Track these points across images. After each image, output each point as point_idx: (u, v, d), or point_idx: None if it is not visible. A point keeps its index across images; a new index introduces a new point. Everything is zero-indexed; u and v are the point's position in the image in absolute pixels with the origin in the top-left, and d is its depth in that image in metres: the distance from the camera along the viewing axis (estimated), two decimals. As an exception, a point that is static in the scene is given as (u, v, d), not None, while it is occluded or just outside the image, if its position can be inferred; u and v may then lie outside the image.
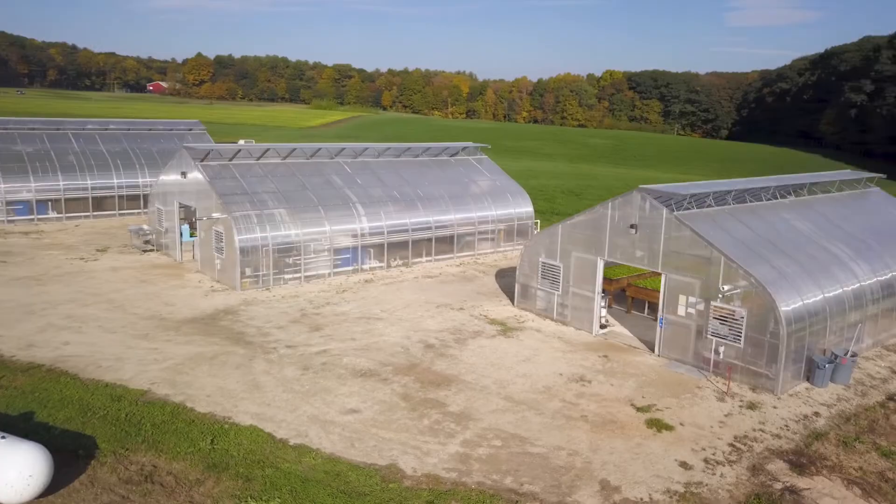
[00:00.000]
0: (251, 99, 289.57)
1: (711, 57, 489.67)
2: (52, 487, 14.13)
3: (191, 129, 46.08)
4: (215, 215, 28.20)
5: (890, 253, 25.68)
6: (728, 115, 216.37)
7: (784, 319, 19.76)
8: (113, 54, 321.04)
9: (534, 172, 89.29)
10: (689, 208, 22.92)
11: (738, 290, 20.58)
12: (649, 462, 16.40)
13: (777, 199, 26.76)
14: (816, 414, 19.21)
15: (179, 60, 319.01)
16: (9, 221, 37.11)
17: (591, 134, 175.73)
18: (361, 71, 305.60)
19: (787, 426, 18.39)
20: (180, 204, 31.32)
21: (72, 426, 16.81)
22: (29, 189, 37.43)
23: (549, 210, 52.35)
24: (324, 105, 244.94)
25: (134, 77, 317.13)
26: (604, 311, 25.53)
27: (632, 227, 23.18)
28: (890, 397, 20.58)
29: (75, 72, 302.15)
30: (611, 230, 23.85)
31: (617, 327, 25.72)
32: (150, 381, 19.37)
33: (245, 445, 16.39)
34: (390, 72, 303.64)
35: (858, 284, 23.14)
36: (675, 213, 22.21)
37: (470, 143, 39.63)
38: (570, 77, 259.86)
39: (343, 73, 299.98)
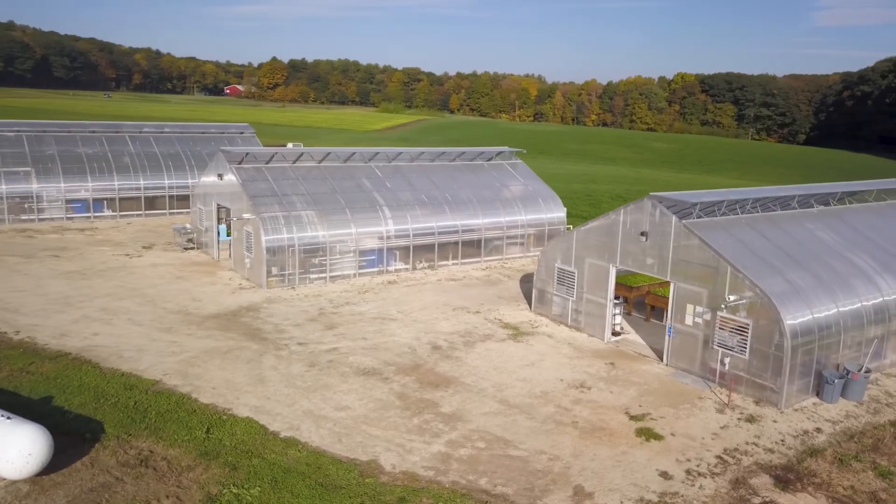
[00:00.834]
0: (322, 102, 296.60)
1: (792, 59, 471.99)
2: (55, 467, 15.25)
3: (242, 133, 47.95)
4: (245, 216, 29.44)
5: (924, 266, 24.61)
6: (806, 120, 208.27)
7: (789, 332, 19.30)
8: (193, 59, 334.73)
9: (591, 176, 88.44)
10: (700, 216, 22.61)
11: (744, 301, 20.22)
12: (629, 470, 16.39)
13: (803, 208, 26.02)
14: (818, 430, 18.70)
15: (255, 64, 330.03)
16: (68, 219, 39.61)
17: (657, 138, 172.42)
18: (430, 74, 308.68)
19: (782, 441, 18.00)
20: (218, 204, 32.78)
21: (85, 411, 18.01)
22: (87, 188, 39.87)
23: (593, 216, 51.84)
24: (391, 108, 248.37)
25: (212, 81, 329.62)
26: (618, 319, 25.40)
27: (642, 234, 23.04)
28: (904, 416, 19.80)
29: (158, 76, 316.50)
30: (622, 237, 23.76)
31: (631, 335, 25.54)
32: (163, 372, 20.51)
33: (238, 436, 17.22)
34: (459, 75, 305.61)
35: (881, 299, 22.30)
36: (685, 220, 21.96)
37: (506, 148, 39.84)
38: (641, 80, 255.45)
39: (412, 77, 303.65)
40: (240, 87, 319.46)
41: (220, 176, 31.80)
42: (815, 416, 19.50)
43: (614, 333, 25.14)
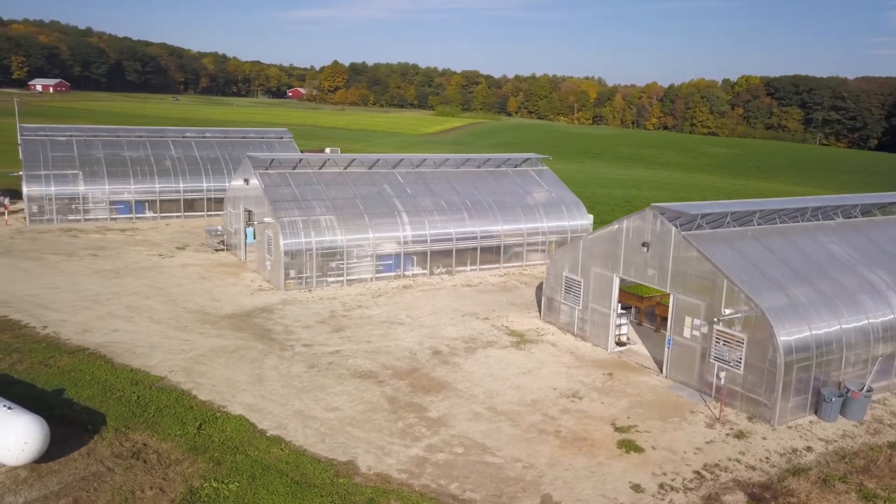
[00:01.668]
0: (381, 105, 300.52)
1: (865, 60, 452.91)
2: (54, 455, 16.29)
3: (280, 137, 49.38)
4: (267, 220, 30.48)
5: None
6: (878, 124, 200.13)
7: (783, 348, 18.96)
8: (258, 62, 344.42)
9: (638, 182, 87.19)
10: (701, 228, 22.36)
11: (739, 315, 19.95)
12: (601, 482, 16.45)
13: (819, 220, 25.36)
14: (808, 448, 18.31)
15: (317, 68, 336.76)
16: (111, 219, 41.66)
17: (715, 142, 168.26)
18: (489, 77, 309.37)
19: (768, 458, 17.71)
20: (245, 208, 33.98)
21: (91, 404, 19.11)
22: (130, 191, 41.87)
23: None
24: (447, 112, 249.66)
25: (276, 84, 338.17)
26: (624, 329, 25.30)
27: (643, 244, 22.93)
28: (905, 438, 19.17)
29: (224, 79, 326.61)
30: (626, 247, 23.69)
31: (637, 345, 25.38)
32: (170, 369, 21.53)
33: (227, 433, 17.99)
34: (517, 78, 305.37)
35: (892, 316, 21.59)
36: (684, 232, 21.77)
37: (533, 155, 39.91)
38: (704, 82, 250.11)
39: (470, 80, 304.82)
40: (302, 90, 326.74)
41: (247, 181, 32.99)
42: (809, 434, 19.08)
43: (620, 343, 25.04)
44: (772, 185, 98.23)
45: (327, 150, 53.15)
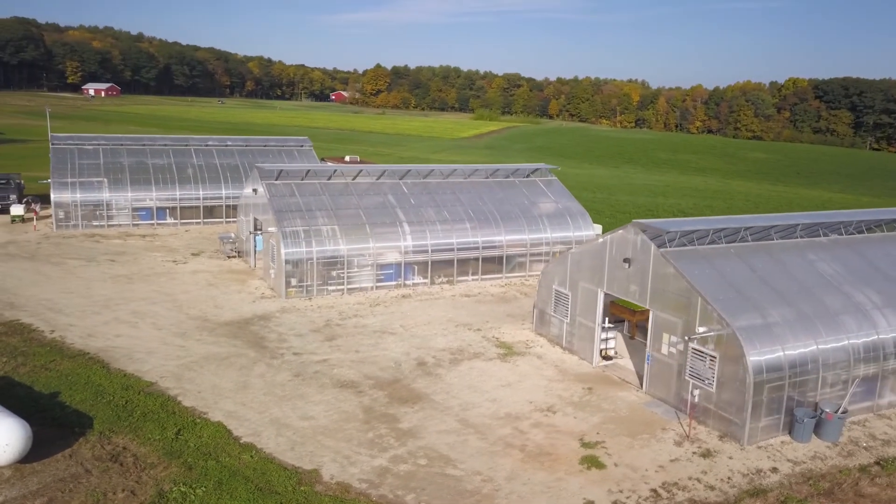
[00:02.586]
0: (423, 108, 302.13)
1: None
2: (39, 456, 17.28)
3: (301, 146, 50.50)
4: (270, 229, 31.41)
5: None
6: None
7: (752, 368, 18.94)
8: (302, 66, 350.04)
9: (667, 189, 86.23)
10: (682, 244, 22.39)
11: (712, 334, 19.97)
12: (556, 498, 16.72)
13: (819, 236, 25.06)
14: (774, 469, 18.26)
15: (360, 71, 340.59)
16: (134, 225, 43.28)
17: (757, 147, 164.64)
18: (530, 80, 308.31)
19: (729, 478, 17.73)
20: (254, 217, 35.02)
21: (82, 407, 20.13)
22: (151, 198, 43.46)
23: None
24: (485, 115, 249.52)
25: (319, 87, 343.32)
26: (612, 343, 25.41)
27: (625, 261, 23.06)
28: (878, 461, 18.93)
29: (269, 83, 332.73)
30: (609, 262, 23.84)
31: (624, 360, 25.46)
32: (161, 375, 22.48)
33: (203, 439, 18.78)
34: (559, 80, 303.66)
35: (876, 336, 21.29)
36: (663, 249, 21.84)
37: (542, 165, 40.11)
38: (750, 85, 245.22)
39: (512, 83, 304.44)
40: (344, 94, 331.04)
41: (255, 190, 34.02)
42: (778, 455, 18.99)
43: (607, 357, 25.16)
44: (811, 192, 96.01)
45: (347, 157, 54.10)
